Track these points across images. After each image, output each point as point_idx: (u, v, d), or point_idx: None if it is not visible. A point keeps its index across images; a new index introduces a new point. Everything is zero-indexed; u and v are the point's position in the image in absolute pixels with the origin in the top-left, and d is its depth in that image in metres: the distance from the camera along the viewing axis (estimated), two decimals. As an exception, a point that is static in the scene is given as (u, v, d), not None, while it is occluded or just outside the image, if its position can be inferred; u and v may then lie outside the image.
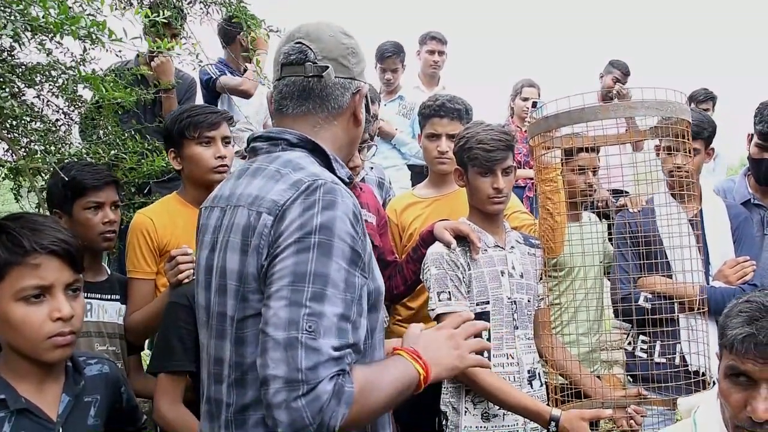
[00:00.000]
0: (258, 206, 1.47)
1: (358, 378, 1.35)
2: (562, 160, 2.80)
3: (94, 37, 1.94)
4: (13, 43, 2.12)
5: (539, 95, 5.81)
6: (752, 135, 3.45)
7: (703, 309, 2.66)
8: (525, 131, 4.68)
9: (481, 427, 2.49)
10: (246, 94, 4.48)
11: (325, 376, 1.28)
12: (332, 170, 1.57)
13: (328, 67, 1.59)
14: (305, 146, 1.58)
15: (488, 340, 2.51)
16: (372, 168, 3.65)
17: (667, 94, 2.35)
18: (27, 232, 1.66)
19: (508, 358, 2.52)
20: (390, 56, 5.61)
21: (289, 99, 1.62)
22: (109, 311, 2.64)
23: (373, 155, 2.66)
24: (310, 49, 1.60)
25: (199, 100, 4.47)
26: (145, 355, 3.23)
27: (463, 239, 2.56)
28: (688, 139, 2.54)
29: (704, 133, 3.01)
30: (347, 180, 1.60)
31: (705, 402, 1.73)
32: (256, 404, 1.44)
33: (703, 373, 2.62)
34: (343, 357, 1.33)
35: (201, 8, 2.96)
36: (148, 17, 2.20)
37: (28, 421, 1.65)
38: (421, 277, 2.63)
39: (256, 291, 1.43)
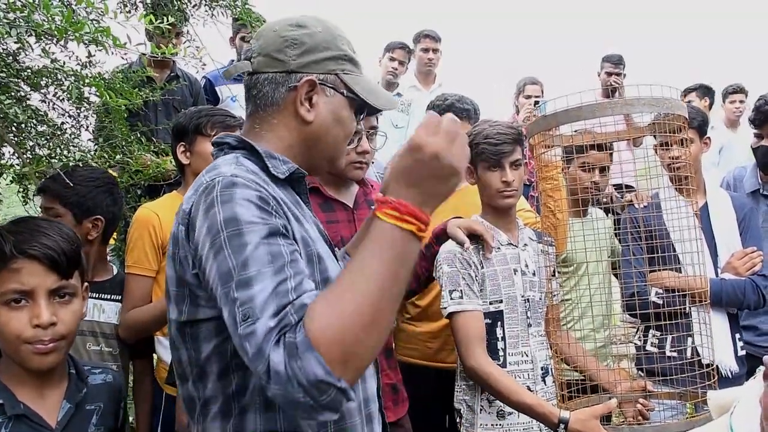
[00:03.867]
0: (177, 215, 1.45)
1: (312, 315, 1.19)
2: (563, 157, 2.81)
3: (98, 42, 1.95)
4: (17, 49, 2.13)
5: (542, 92, 5.82)
6: None
7: (707, 301, 2.67)
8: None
9: (496, 425, 2.50)
10: None
11: (269, 349, 1.18)
12: (267, 169, 1.49)
13: (252, 64, 1.54)
14: (245, 147, 1.52)
15: (503, 338, 2.52)
16: (372, 163, 3.66)
17: (662, 90, 2.36)
18: (11, 236, 1.65)
19: (523, 356, 2.53)
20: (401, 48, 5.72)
21: (245, 100, 1.60)
22: (107, 311, 2.61)
23: (383, 145, 2.64)
24: (252, 48, 1.58)
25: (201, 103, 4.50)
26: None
27: (476, 237, 2.56)
28: (686, 131, 2.56)
29: (694, 122, 3.02)
30: (284, 176, 1.51)
31: (743, 404, 1.67)
32: (215, 398, 1.42)
33: (708, 365, 2.63)
34: (285, 316, 1.20)
35: (206, 11, 2.96)
36: (152, 23, 2.21)
37: (26, 426, 1.64)
38: (433, 274, 2.64)
39: (200, 288, 1.39)
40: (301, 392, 1.16)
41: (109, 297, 2.63)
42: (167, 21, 2.30)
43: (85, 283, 1.82)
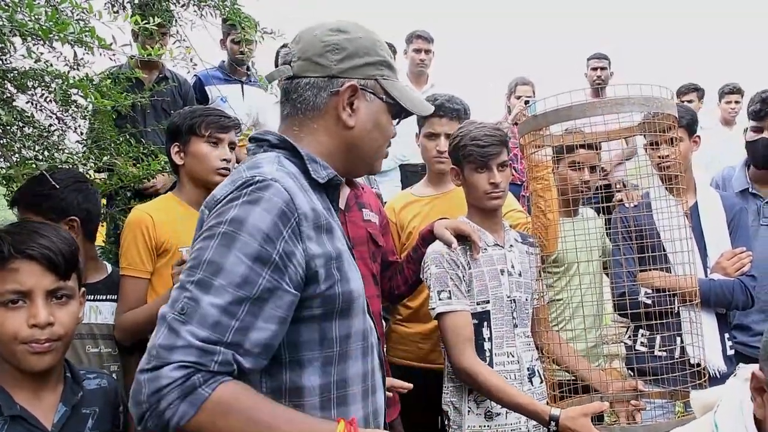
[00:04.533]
0: (207, 204, 1.46)
1: (226, 391, 1.25)
2: (553, 157, 2.81)
3: (83, 42, 1.93)
4: (1, 49, 2.12)
5: (534, 93, 5.84)
6: (747, 129, 3.50)
7: (697, 300, 2.67)
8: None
9: (484, 426, 2.50)
10: None
11: (176, 362, 1.22)
12: (308, 172, 1.50)
13: (291, 68, 1.55)
14: (286, 147, 1.53)
15: (489, 339, 2.52)
16: None
17: (652, 89, 2.36)
18: (9, 237, 1.66)
19: (509, 356, 2.54)
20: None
21: (281, 102, 1.61)
22: (103, 312, 2.61)
23: None
24: (291, 51, 1.58)
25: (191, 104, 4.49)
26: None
27: (463, 238, 2.56)
28: (675, 130, 2.56)
29: (683, 120, 3.02)
30: (324, 181, 1.52)
31: (726, 403, 1.68)
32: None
33: (698, 364, 2.63)
34: (211, 352, 1.24)
35: (195, 11, 2.95)
36: (138, 24, 2.19)
37: (22, 428, 1.65)
38: (421, 276, 2.64)
39: None
40: (151, 406, 1.22)
41: (104, 297, 2.62)
42: (154, 22, 2.28)
43: (83, 288, 1.82)
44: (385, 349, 2.97)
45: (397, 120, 1.67)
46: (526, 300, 2.63)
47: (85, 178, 2.68)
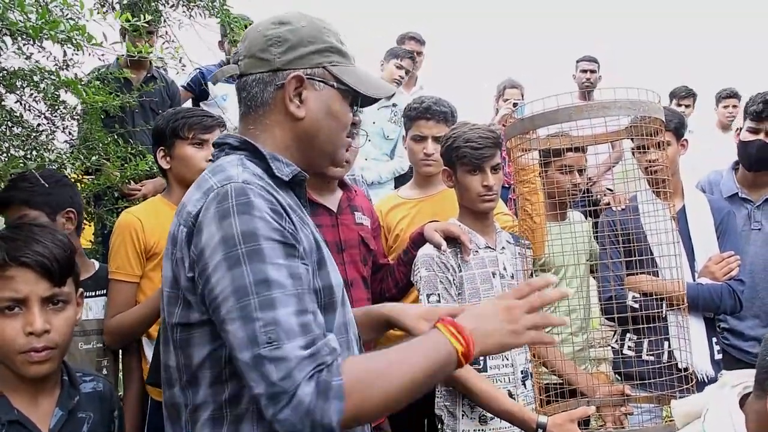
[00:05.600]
0: (179, 215, 1.44)
1: (351, 369, 1.30)
2: (541, 161, 2.81)
3: (74, 41, 1.93)
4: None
5: (522, 96, 5.86)
6: (740, 130, 3.48)
7: (685, 305, 2.67)
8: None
9: (478, 430, 2.49)
10: None
11: (302, 379, 1.25)
12: (271, 171, 1.49)
13: (239, 66, 1.55)
14: (247, 148, 1.52)
15: None
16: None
17: (639, 93, 2.37)
18: (5, 243, 1.65)
19: (503, 359, 2.53)
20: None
21: (238, 103, 1.60)
22: (93, 308, 2.61)
23: (365, 142, 2.63)
24: (239, 50, 1.58)
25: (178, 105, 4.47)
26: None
27: (453, 240, 2.56)
28: (663, 134, 2.57)
29: (671, 124, 3.02)
30: (288, 179, 1.52)
31: (713, 411, 1.66)
32: (206, 404, 1.42)
33: (686, 368, 2.63)
34: (317, 351, 1.28)
35: (184, 12, 2.94)
36: (129, 21, 2.19)
37: None
38: (411, 278, 2.63)
39: (192, 292, 1.39)
40: (309, 427, 1.25)
41: (93, 294, 2.62)
42: (143, 19, 2.27)
43: (80, 289, 1.82)
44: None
45: (356, 107, 1.63)
46: None
47: (66, 176, 2.68)
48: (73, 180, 2.87)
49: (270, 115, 1.54)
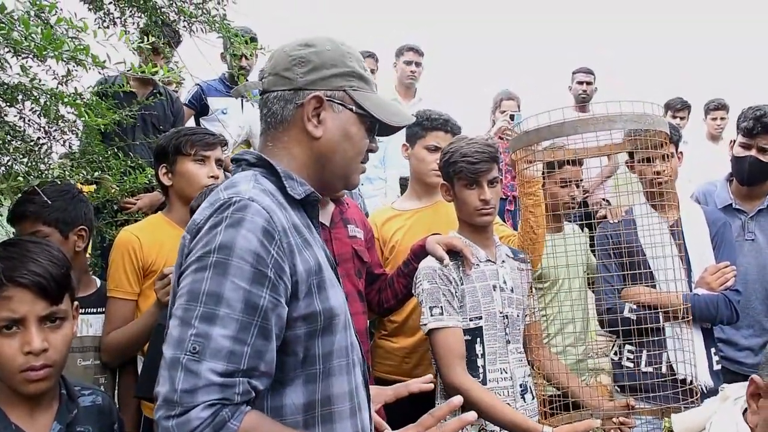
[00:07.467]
0: (188, 226, 1.46)
1: (250, 423, 1.29)
2: (543, 173, 2.82)
3: (77, 60, 1.94)
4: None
5: (519, 107, 5.87)
6: (734, 141, 3.49)
7: (687, 318, 2.68)
8: (507, 141, 4.74)
9: None
10: None
11: (202, 402, 1.24)
12: (285, 189, 1.51)
13: (263, 84, 1.58)
14: (263, 165, 1.54)
15: (482, 355, 2.52)
16: None
17: (644, 106, 2.39)
18: (1, 263, 1.65)
19: (502, 372, 2.54)
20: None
21: (260, 119, 1.62)
22: (94, 325, 2.62)
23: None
24: (264, 68, 1.61)
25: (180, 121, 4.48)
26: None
27: (455, 254, 2.57)
28: (667, 146, 2.59)
29: (674, 136, 3.05)
30: (300, 198, 1.52)
31: (717, 424, 1.66)
32: None
33: (690, 381, 2.64)
34: (232, 385, 1.27)
35: (184, 27, 2.96)
36: (140, 43, 2.20)
37: None
38: (412, 291, 2.64)
39: None
40: None
41: (95, 310, 2.64)
42: (153, 39, 2.29)
43: (75, 302, 1.82)
44: (370, 365, 2.97)
45: (373, 133, 1.65)
46: (518, 316, 2.63)
47: (80, 190, 2.68)
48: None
49: (288, 132, 1.56)
